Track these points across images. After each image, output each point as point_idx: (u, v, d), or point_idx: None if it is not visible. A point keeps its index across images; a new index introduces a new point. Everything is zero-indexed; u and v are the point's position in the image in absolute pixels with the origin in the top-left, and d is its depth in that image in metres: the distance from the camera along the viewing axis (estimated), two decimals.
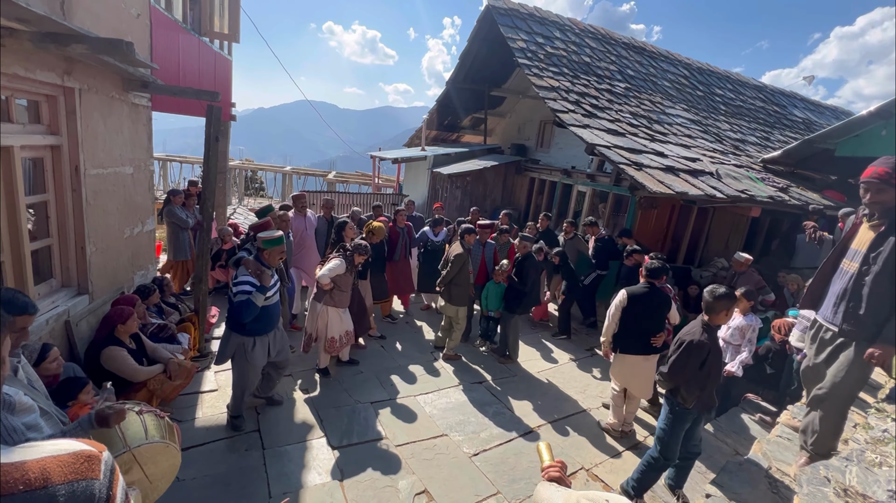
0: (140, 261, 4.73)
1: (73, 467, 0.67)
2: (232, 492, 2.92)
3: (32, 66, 2.86)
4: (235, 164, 17.18)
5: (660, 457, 2.88)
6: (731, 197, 6.46)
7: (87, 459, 0.70)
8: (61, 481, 0.65)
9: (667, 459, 2.88)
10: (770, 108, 14.07)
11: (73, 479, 0.66)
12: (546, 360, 5.39)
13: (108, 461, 0.73)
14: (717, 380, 2.82)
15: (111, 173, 3.97)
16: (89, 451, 0.71)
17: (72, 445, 0.71)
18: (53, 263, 3.53)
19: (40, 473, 0.64)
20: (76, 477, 0.67)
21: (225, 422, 3.61)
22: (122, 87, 4.04)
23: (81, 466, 0.68)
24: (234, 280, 3.22)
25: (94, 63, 3.33)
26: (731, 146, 9.63)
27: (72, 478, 0.66)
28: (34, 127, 3.18)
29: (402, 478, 3.23)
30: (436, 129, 12.92)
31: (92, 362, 3.20)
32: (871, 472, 1.71)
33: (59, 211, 3.48)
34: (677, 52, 13.84)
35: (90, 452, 0.71)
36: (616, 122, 8.05)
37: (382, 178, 16.94)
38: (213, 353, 4.72)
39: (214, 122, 4.12)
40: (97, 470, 0.70)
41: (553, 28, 10.59)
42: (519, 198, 10.44)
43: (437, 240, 6.03)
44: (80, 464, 0.68)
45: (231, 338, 3.36)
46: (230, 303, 3.28)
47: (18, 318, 1.72)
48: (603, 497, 0.95)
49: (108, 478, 0.71)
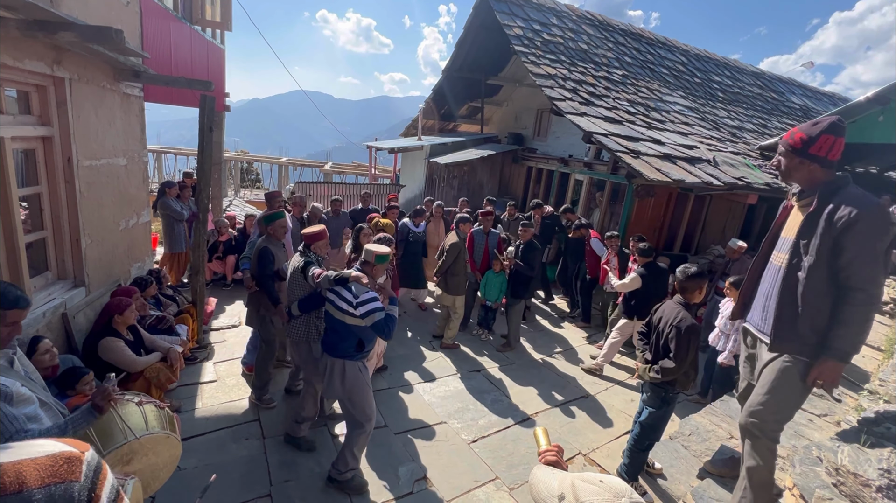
0: (136, 254, 4.72)
1: (50, 470, 0.65)
2: (233, 481, 2.95)
3: (21, 55, 2.81)
4: (231, 155, 17.06)
5: (650, 442, 2.99)
6: (728, 184, 6.47)
7: (66, 461, 0.67)
8: (37, 485, 0.62)
9: (655, 441, 3.01)
10: (768, 94, 14.02)
11: (51, 483, 0.63)
12: (543, 349, 5.42)
13: (91, 461, 0.70)
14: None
15: (104, 165, 3.93)
16: (69, 453, 0.68)
17: (51, 446, 0.68)
18: (49, 256, 3.51)
19: (15, 477, 0.61)
20: (54, 480, 0.64)
21: (224, 412, 3.64)
22: (114, 77, 3.99)
23: (60, 468, 0.65)
24: (357, 301, 2.71)
25: (84, 52, 3.28)
26: (729, 133, 9.61)
27: (49, 481, 0.63)
28: (25, 118, 3.14)
29: (402, 464, 3.27)
30: (432, 119, 12.84)
31: (90, 354, 3.21)
32: (863, 452, 1.74)
33: (52, 203, 3.45)
34: (675, 39, 13.73)
35: (70, 453, 0.68)
36: (613, 110, 8.01)
37: (379, 168, 16.87)
38: (211, 345, 4.74)
39: (208, 112, 4.08)
40: (77, 471, 0.67)
41: (550, 15, 10.47)
42: (516, 187, 10.42)
43: (418, 231, 5.98)
44: (58, 467, 0.65)
45: (351, 367, 2.83)
46: (351, 330, 2.76)
47: (10, 313, 1.71)
48: (597, 478, 0.96)
49: (91, 480, 0.68)
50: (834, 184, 1.94)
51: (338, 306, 2.75)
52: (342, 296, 2.75)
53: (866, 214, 1.79)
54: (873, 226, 1.79)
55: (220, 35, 7.94)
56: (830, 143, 1.89)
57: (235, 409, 3.72)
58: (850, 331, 1.86)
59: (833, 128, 1.89)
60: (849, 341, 1.86)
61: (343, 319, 2.73)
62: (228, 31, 7.89)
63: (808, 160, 1.95)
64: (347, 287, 2.77)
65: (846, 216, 1.81)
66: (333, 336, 2.81)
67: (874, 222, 1.79)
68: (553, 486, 1.00)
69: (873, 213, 1.80)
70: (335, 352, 2.80)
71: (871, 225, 1.79)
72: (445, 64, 11.08)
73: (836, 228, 1.84)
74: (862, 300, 1.84)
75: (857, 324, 1.86)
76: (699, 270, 2.83)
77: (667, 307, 2.90)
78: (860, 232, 1.79)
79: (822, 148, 1.90)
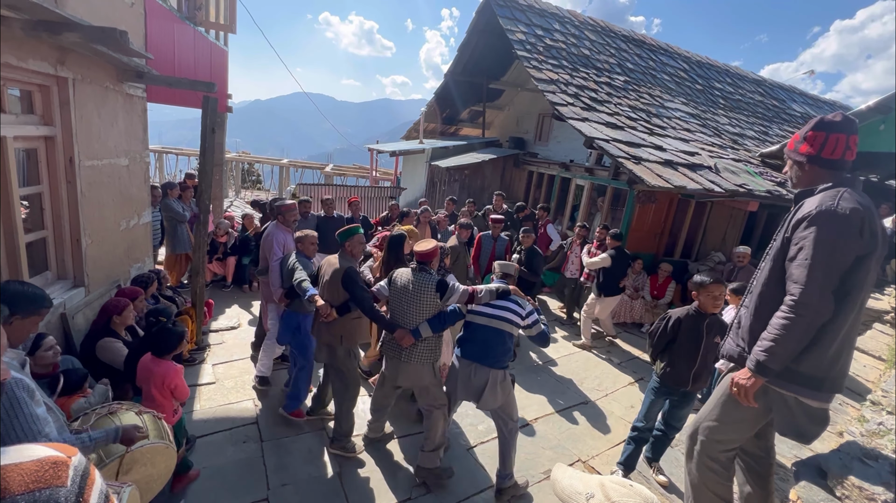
0: (136, 254, 4.70)
1: (35, 475, 0.64)
2: (230, 484, 2.93)
3: (25, 55, 2.81)
4: (232, 156, 17.07)
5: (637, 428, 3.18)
6: (729, 191, 6.46)
7: (52, 466, 0.66)
8: (21, 490, 0.62)
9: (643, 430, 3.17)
10: (769, 101, 14.06)
11: (36, 489, 0.63)
12: (542, 353, 5.40)
13: (78, 466, 0.69)
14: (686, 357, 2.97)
15: (106, 165, 3.92)
16: (55, 457, 0.68)
17: (39, 451, 0.68)
18: (49, 256, 3.50)
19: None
20: (39, 485, 0.63)
21: (223, 414, 3.62)
22: (117, 78, 3.99)
23: (46, 474, 0.65)
24: (525, 312, 2.89)
25: (88, 52, 3.28)
26: (730, 140, 9.62)
27: (34, 486, 0.63)
28: (27, 117, 3.14)
29: (400, 469, 3.24)
30: (434, 122, 12.86)
31: (88, 354, 3.18)
32: (868, 465, 1.72)
33: (53, 203, 3.44)
34: (677, 46, 13.77)
35: (56, 458, 0.68)
36: (615, 116, 8.02)
37: (380, 171, 16.88)
38: (210, 346, 4.72)
39: (210, 113, 4.08)
40: (63, 476, 0.66)
41: (552, 20, 10.51)
42: (517, 191, 10.42)
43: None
44: (43, 472, 0.65)
45: (506, 376, 2.96)
46: (506, 340, 2.90)
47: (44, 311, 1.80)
48: (627, 482, 0.96)
49: (78, 485, 0.67)
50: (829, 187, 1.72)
51: (502, 317, 2.88)
52: (509, 308, 2.90)
53: (820, 215, 1.61)
54: (824, 229, 1.60)
55: (224, 37, 7.95)
56: (822, 141, 1.72)
57: (233, 412, 3.69)
58: (768, 337, 1.67)
59: (820, 124, 1.74)
60: (764, 349, 1.67)
61: (508, 329, 2.88)
62: (232, 34, 7.90)
63: (805, 162, 1.78)
64: (512, 299, 2.93)
65: (801, 215, 1.68)
66: (488, 348, 2.89)
67: (827, 225, 1.59)
68: (578, 486, 0.99)
69: (830, 215, 1.60)
70: (497, 363, 2.89)
71: (823, 228, 1.60)
72: (448, 67, 11.11)
73: (789, 227, 1.72)
74: (788, 306, 1.64)
75: (776, 331, 1.65)
76: (712, 279, 2.83)
77: (680, 312, 2.99)
78: (808, 233, 1.63)
79: (812, 146, 1.74)
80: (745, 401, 1.74)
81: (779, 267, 1.75)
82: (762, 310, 1.78)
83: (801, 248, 1.63)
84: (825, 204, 1.62)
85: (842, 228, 1.58)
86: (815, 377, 1.68)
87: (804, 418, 1.74)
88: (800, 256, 1.63)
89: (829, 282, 1.58)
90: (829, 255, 1.58)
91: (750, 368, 1.71)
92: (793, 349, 1.63)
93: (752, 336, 1.81)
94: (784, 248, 1.73)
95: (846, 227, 1.57)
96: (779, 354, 1.64)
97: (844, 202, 1.60)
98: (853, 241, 1.58)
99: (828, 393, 1.70)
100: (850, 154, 1.70)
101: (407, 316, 2.94)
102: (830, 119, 1.73)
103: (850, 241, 1.58)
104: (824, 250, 1.59)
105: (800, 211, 1.70)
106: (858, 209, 1.58)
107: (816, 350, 1.65)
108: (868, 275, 1.63)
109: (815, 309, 1.58)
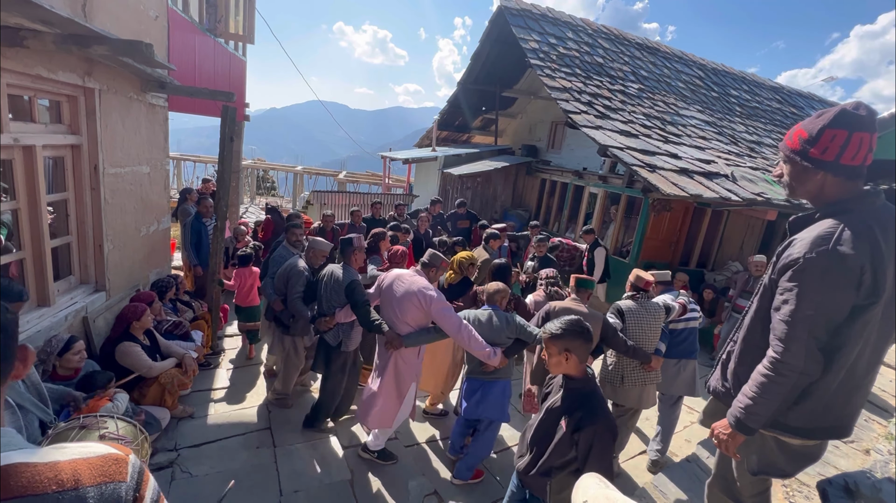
0: (155, 260, 4.80)
1: (101, 469, 0.69)
2: (243, 489, 2.94)
3: (54, 67, 2.92)
4: (248, 163, 17.36)
5: None
6: (746, 200, 6.36)
7: (115, 462, 0.71)
8: (91, 483, 0.67)
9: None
10: (787, 109, 13.83)
11: (102, 482, 0.68)
12: None
13: (135, 464, 0.75)
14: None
15: (129, 172, 4.03)
16: (116, 454, 0.73)
17: (101, 448, 0.73)
18: (72, 260, 3.60)
19: (72, 474, 0.65)
20: (105, 479, 0.68)
21: (237, 419, 3.65)
22: (140, 88, 4.10)
23: (110, 468, 0.70)
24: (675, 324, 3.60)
25: (114, 64, 3.39)
26: (747, 148, 9.48)
27: (100, 480, 0.68)
28: (55, 127, 3.25)
29: (412, 478, 3.23)
30: (446, 130, 12.93)
31: (107, 358, 3.26)
32: None
33: (78, 209, 3.54)
34: (691, 53, 13.66)
35: (117, 455, 0.73)
36: (629, 124, 7.97)
37: (393, 178, 16.98)
38: (225, 350, 4.77)
39: (229, 123, 4.17)
40: (124, 472, 0.71)
41: (566, 28, 10.53)
42: (529, 199, 10.40)
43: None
44: (108, 467, 0.70)
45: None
46: None
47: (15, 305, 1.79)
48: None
49: (136, 481, 0.73)
50: (841, 204, 1.42)
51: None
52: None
53: (808, 264, 1.36)
54: (813, 283, 1.36)
55: (243, 47, 8.15)
56: (843, 143, 1.37)
57: (247, 417, 3.73)
58: (748, 393, 1.50)
59: (842, 119, 1.37)
60: (744, 407, 1.51)
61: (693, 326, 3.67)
62: (251, 44, 8.09)
63: (813, 167, 1.43)
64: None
65: (789, 259, 1.43)
66: (689, 344, 3.64)
67: (816, 279, 1.35)
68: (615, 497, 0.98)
69: (821, 265, 1.34)
70: (693, 354, 3.63)
71: (810, 281, 1.36)
72: (461, 76, 11.18)
73: (776, 269, 1.47)
74: (771, 363, 1.45)
75: (756, 389, 1.48)
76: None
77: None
78: (793, 285, 1.39)
79: (828, 149, 1.39)
80: (725, 452, 1.63)
81: (765, 308, 1.53)
82: (746, 357, 1.63)
83: (786, 300, 1.42)
84: (818, 248, 1.36)
85: (834, 280, 1.34)
86: (804, 428, 1.53)
87: (783, 457, 1.62)
88: (783, 310, 1.42)
89: (816, 340, 1.39)
90: (816, 310, 1.36)
91: (730, 423, 1.57)
92: (774, 408, 1.47)
93: (735, 380, 1.66)
94: (772, 289, 1.51)
95: (839, 279, 1.34)
96: (759, 414, 1.48)
97: (843, 245, 1.33)
98: (847, 293, 1.34)
99: (818, 439, 1.57)
100: (870, 158, 1.39)
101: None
102: (853, 112, 1.38)
103: (843, 294, 1.35)
104: (809, 306, 1.37)
105: (790, 248, 1.46)
106: (857, 256, 1.31)
107: (804, 404, 1.49)
108: (868, 325, 1.39)
109: (798, 370, 1.40)
